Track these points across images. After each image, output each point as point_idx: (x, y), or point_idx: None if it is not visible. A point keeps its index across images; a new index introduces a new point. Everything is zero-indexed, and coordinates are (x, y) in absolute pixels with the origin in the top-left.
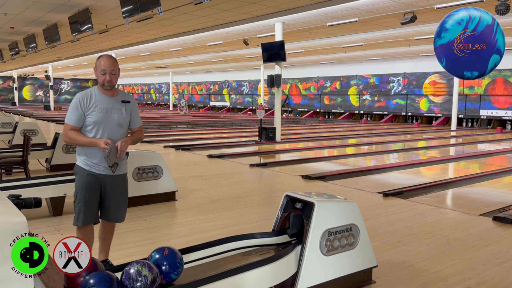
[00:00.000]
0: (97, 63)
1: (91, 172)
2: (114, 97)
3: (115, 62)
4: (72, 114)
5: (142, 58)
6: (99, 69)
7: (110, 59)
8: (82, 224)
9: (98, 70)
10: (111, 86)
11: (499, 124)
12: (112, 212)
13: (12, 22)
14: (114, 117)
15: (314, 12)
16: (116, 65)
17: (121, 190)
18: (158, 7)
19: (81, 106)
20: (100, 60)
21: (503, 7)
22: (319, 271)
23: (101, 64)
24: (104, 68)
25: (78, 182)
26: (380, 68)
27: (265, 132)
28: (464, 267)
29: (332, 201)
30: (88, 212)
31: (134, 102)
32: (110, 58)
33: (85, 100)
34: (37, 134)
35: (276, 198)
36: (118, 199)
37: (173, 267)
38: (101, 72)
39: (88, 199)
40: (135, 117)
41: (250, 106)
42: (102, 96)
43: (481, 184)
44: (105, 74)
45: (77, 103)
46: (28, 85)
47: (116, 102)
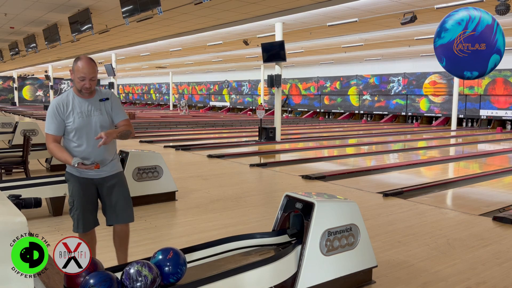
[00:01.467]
0: (75, 66)
1: (83, 177)
2: (91, 98)
3: (95, 66)
4: (50, 122)
5: (142, 58)
6: (78, 74)
7: (90, 64)
8: (83, 230)
9: (76, 75)
10: (90, 92)
11: (499, 124)
12: (117, 213)
13: (12, 22)
14: (94, 120)
15: (314, 12)
16: (96, 69)
17: (120, 189)
18: (158, 7)
19: (59, 113)
20: (78, 64)
21: (503, 7)
22: (319, 271)
23: (80, 69)
24: (84, 75)
25: (72, 190)
26: (380, 68)
27: (265, 132)
28: (464, 267)
29: (332, 201)
30: (87, 218)
31: (114, 96)
32: (90, 63)
33: (62, 106)
34: (37, 134)
35: (276, 198)
36: (119, 198)
37: (174, 272)
38: (80, 78)
39: (85, 205)
40: (117, 111)
41: (250, 106)
42: (79, 99)
43: (481, 184)
44: (84, 81)
45: (54, 110)
46: (28, 85)
47: (94, 103)
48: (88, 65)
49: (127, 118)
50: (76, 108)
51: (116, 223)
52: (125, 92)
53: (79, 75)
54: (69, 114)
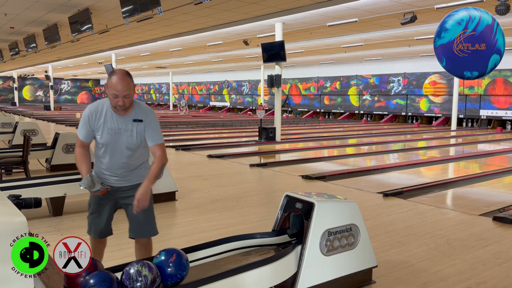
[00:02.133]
0: (109, 82)
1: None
2: (126, 115)
3: (130, 82)
4: (81, 128)
5: (142, 58)
6: (111, 90)
7: (125, 81)
8: (95, 236)
9: (109, 91)
10: (124, 109)
11: (499, 124)
12: (134, 226)
13: (12, 22)
14: (122, 140)
15: (314, 12)
16: (131, 86)
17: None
18: (158, 7)
19: (89, 122)
20: (112, 80)
21: (503, 7)
22: (319, 271)
23: (113, 86)
24: (117, 93)
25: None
26: (380, 68)
27: (265, 132)
28: (464, 267)
29: (332, 201)
30: (99, 225)
31: (150, 118)
32: (124, 79)
33: (94, 117)
34: (37, 134)
35: (276, 198)
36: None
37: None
38: (113, 95)
39: (100, 211)
40: (150, 134)
41: (250, 106)
42: (112, 114)
43: (481, 184)
44: (118, 98)
45: (86, 118)
46: (28, 85)
47: (127, 122)
48: (122, 81)
49: (160, 143)
50: (107, 123)
51: (135, 236)
52: None
53: (112, 91)
54: (99, 127)
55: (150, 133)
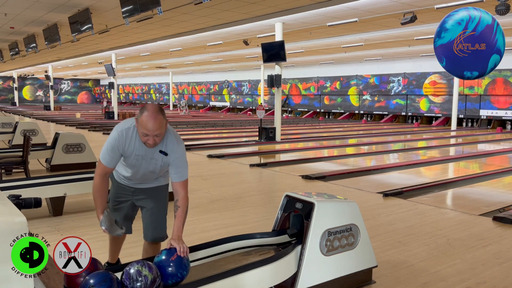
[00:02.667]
0: (139, 118)
1: (121, 184)
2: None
3: (163, 120)
4: (107, 152)
5: (142, 58)
6: (141, 129)
7: (157, 120)
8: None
9: (140, 129)
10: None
11: (499, 124)
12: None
13: (12, 22)
14: (147, 165)
15: (314, 12)
16: (163, 124)
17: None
18: (158, 7)
19: (119, 147)
20: (143, 118)
21: (503, 7)
22: (319, 271)
23: (144, 125)
24: (147, 132)
25: (111, 190)
26: (380, 68)
27: (265, 132)
28: (464, 267)
29: (332, 201)
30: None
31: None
32: (157, 118)
33: (124, 141)
34: (37, 134)
35: (276, 198)
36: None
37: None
38: (143, 134)
39: (117, 209)
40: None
41: (250, 106)
42: (140, 143)
43: (481, 184)
44: (148, 136)
45: (115, 142)
46: (28, 85)
47: (153, 152)
48: (154, 120)
49: (184, 180)
50: (135, 150)
51: (145, 239)
52: (125, 92)
53: (142, 130)
54: (127, 152)
55: (174, 169)
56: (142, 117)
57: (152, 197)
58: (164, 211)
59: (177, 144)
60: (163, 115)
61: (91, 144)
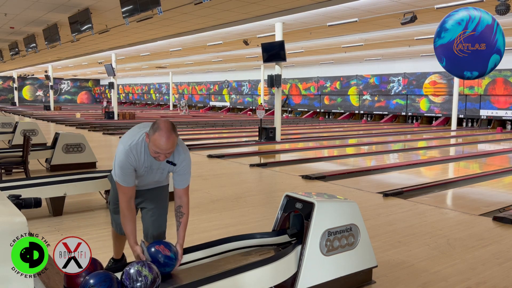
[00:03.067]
0: (152, 136)
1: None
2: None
3: (175, 139)
4: (125, 173)
5: (142, 58)
6: (154, 147)
7: (170, 140)
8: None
9: (152, 147)
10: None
11: (499, 124)
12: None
13: (12, 22)
14: (153, 176)
15: (314, 12)
16: (176, 142)
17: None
18: (158, 7)
19: (132, 165)
20: (156, 137)
21: (503, 7)
22: (319, 271)
23: (157, 144)
24: (160, 151)
25: (110, 192)
26: (380, 68)
27: (265, 132)
28: (464, 267)
29: (332, 201)
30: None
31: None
32: (170, 138)
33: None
34: (37, 134)
35: (276, 198)
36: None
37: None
38: (155, 152)
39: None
40: (181, 178)
41: (250, 106)
42: (149, 156)
43: (481, 184)
44: (159, 154)
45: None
46: (28, 85)
47: (161, 162)
48: (167, 140)
49: (187, 186)
50: (145, 163)
51: (145, 239)
52: (125, 92)
53: (155, 148)
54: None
55: (180, 177)
56: (155, 135)
57: (154, 198)
58: (165, 210)
59: (184, 154)
60: (176, 134)
61: (91, 144)
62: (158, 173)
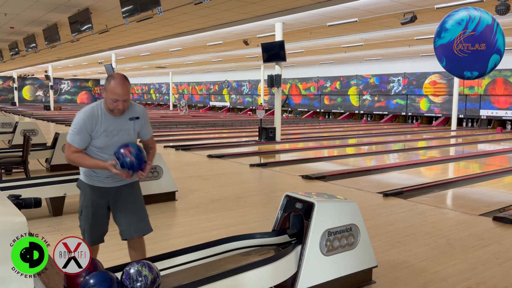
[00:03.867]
0: (108, 86)
1: (95, 187)
2: (121, 116)
3: (129, 85)
4: (76, 135)
5: (142, 58)
6: (111, 95)
7: (125, 85)
8: (90, 243)
9: (109, 95)
10: (122, 113)
11: (499, 124)
12: (132, 224)
13: (12, 22)
14: (118, 140)
15: (314, 12)
16: (130, 89)
17: (133, 198)
18: (158, 7)
19: (86, 128)
20: (112, 85)
21: (503, 7)
22: (319, 271)
23: (114, 90)
24: (117, 97)
25: (81, 199)
26: (380, 68)
27: (265, 132)
28: (464, 267)
29: (332, 201)
30: (95, 232)
31: (145, 114)
32: (124, 83)
33: (90, 121)
34: (37, 134)
35: (276, 198)
36: (132, 208)
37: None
38: (113, 100)
39: (94, 217)
40: (147, 129)
41: (250, 106)
42: (108, 117)
43: (481, 184)
44: (117, 102)
45: (81, 124)
46: (28, 85)
47: (123, 122)
48: (122, 86)
49: (152, 135)
50: (103, 125)
51: (131, 236)
52: None
53: (112, 96)
54: (96, 131)
55: (146, 128)
56: (111, 84)
57: (131, 193)
58: (143, 203)
59: (141, 107)
60: (129, 82)
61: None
62: (125, 135)
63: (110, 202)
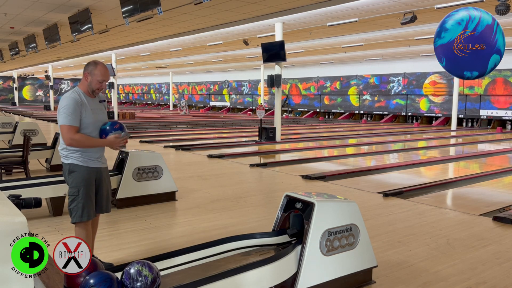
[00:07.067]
0: (94, 70)
1: (90, 167)
2: (94, 98)
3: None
4: (72, 114)
5: (142, 58)
6: (98, 77)
7: (108, 70)
8: (88, 218)
9: (96, 77)
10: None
11: (499, 124)
12: (104, 203)
13: (12, 22)
14: (100, 118)
15: (314, 12)
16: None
17: (109, 180)
18: (158, 7)
19: (78, 107)
20: (99, 68)
21: (503, 7)
22: (319, 271)
23: (103, 74)
24: (104, 79)
25: (77, 179)
26: (380, 68)
27: (265, 132)
28: (464, 267)
29: (332, 201)
30: (91, 206)
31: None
32: (107, 68)
33: (79, 102)
34: (37, 134)
35: (276, 198)
36: (108, 190)
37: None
38: (100, 80)
39: (90, 193)
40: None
41: (250, 106)
42: (87, 98)
43: (481, 184)
44: (102, 83)
45: (74, 104)
46: (28, 85)
47: (97, 103)
48: (107, 70)
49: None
50: (87, 105)
51: (101, 212)
52: (125, 92)
53: (100, 78)
54: (83, 110)
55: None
56: (98, 68)
57: (108, 176)
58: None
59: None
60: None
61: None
62: (102, 114)
63: (96, 181)
